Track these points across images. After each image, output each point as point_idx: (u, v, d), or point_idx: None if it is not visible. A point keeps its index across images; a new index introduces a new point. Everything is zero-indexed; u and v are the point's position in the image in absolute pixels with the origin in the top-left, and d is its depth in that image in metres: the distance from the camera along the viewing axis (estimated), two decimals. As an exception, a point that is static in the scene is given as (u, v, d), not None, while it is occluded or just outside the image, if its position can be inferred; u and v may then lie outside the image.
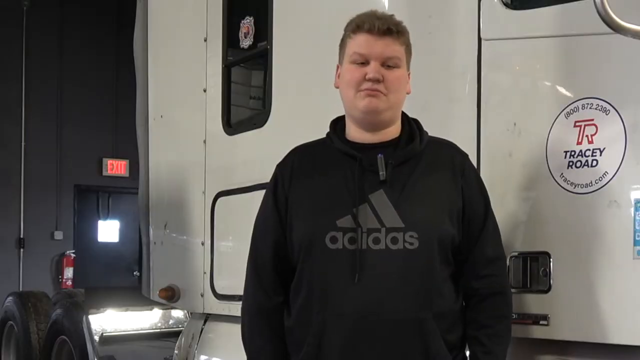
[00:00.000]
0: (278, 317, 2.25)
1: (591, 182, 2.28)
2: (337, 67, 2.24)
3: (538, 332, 2.39)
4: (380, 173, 2.13)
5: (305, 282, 2.16)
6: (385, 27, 2.12)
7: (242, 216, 3.12)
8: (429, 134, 2.26)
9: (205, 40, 3.97)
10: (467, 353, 2.24)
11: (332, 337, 2.10)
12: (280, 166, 2.29)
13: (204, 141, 3.97)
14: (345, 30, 2.20)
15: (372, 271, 2.08)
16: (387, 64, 2.13)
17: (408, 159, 2.17)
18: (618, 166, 2.23)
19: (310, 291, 2.15)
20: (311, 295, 2.14)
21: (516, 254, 2.44)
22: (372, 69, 2.12)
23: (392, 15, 2.22)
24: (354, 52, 2.15)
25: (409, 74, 2.22)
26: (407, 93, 2.23)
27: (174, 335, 5.00)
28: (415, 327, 2.08)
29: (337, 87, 2.24)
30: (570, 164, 2.33)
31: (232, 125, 3.85)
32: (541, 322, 2.37)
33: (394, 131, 2.21)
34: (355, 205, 2.11)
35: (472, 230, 2.19)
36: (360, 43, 2.14)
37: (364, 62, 2.13)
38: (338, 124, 2.28)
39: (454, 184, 2.18)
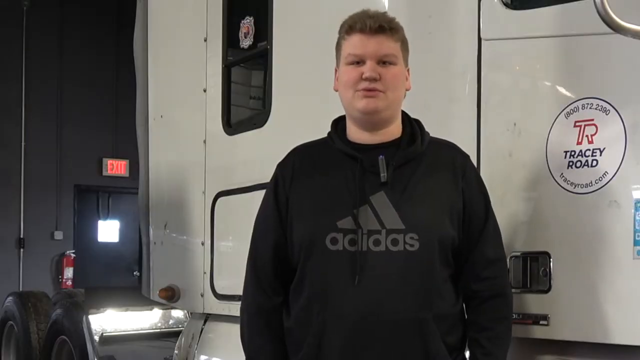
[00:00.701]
0: (277, 317, 2.24)
1: (591, 182, 2.27)
2: (335, 70, 2.24)
3: (538, 332, 2.39)
4: (382, 175, 2.12)
5: (305, 283, 2.16)
6: (377, 25, 2.12)
7: (242, 216, 3.12)
8: (430, 134, 2.26)
9: (205, 40, 3.97)
10: (467, 354, 2.24)
11: (332, 338, 2.10)
12: (280, 166, 2.29)
13: (204, 141, 3.97)
14: (339, 32, 2.20)
15: (373, 272, 2.07)
16: (383, 61, 2.13)
17: (409, 160, 2.17)
18: (618, 166, 2.23)
19: (310, 292, 2.14)
20: (311, 296, 2.14)
21: (516, 254, 2.44)
22: (368, 68, 2.11)
23: (385, 12, 2.22)
24: (349, 54, 2.15)
25: (407, 70, 2.22)
26: (407, 89, 2.22)
27: (174, 335, 5.00)
28: (415, 327, 2.08)
29: (336, 90, 2.24)
30: (570, 164, 2.33)
31: (232, 125, 3.85)
32: (541, 322, 2.37)
33: (394, 131, 2.21)
34: (356, 206, 2.11)
35: (472, 232, 2.18)
36: (354, 43, 2.14)
37: (360, 62, 2.13)
38: (339, 124, 2.27)
39: (455, 185, 2.17)
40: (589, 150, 2.29)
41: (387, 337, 2.07)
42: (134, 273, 10.01)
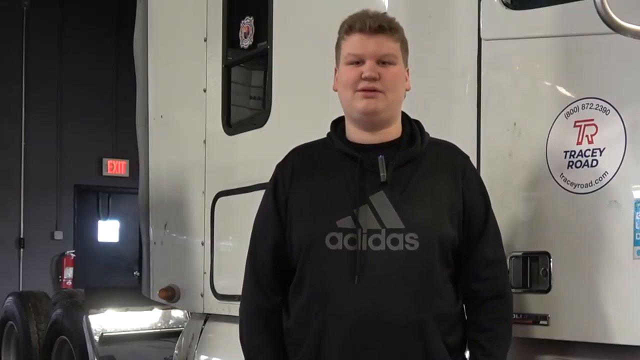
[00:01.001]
0: (276, 317, 2.24)
1: (591, 182, 2.27)
2: (335, 70, 2.24)
3: (538, 332, 2.39)
4: (381, 174, 2.12)
5: (305, 282, 2.16)
6: (376, 24, 2.12)
7: (242, 216, 3.11)
8: (429, 134, 2.25)
9: (205, 40, 3.97)
10: (467, 354, 2.24)
11: (332, 338, 2.09)
12: (280, 166, 2.29)
13: (204, 141, 3.97)
14: (339, 32, 2.20)
15: (372, 272, 2.07)
16: (383, 61, 2.13)
17: (409, 160, 2.16)
18: (618, 166, 2.23)
19: (310, 292, 2.14)
20: (311, 296, 2.13)
21: (516, 254, 2.44)
22: (367, 68, 2.11)
23: (385, 13, 2.22)
24: (349, 53, 2.14)
25: (407, 71, 2.22)
26: (407, 90, 2.22)
27: (174, 335, 5.00)
28: (415, 328, 2.07)
29: (335, 90, 2.23)
30: (570, 164, 2.33)
31: (232, 125, 3.85)
32: (541, 322, 2.37)
33: (394, 131, 2.20)
34: (356, 206, 2.10)
35: (472, 232, 2.18)
36: (354, 43, 2.14)
37: (360, 62, 2.13)
38: (339, 125, 2.27)
39: (455, 185, 2.17)
40: (589, 150, 2.29)
41: (387, 337, 2.07)
42: (134, 273, 10.02)
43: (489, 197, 2.25)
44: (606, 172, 2.25)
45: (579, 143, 2.32)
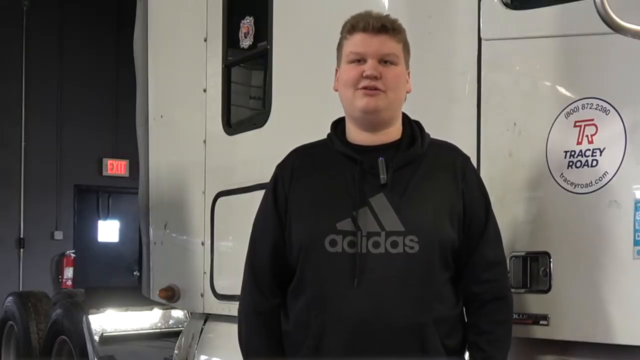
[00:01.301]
0: (275, 318, 2.23)
1: (591, 182, 2.27)
2: (336, 70, 2.24)
3: (538, 332, 2.38)
4: (381, 177, 2.11)
5: (304, 284, 2.15)
6: (379, 24, 2.12)
7: (242, 216, 3.11)
8: (429, 134, 2.25)
9: (205, 40, 3.97)
10: (467, 356, 2.23)
11: (331, 341, 2.09)
12: (280, 167, 2.28)
13: (204, 141, 3.97)
14: (341, 32, 2.20)
15: (372, 275, 2.06)
16: (385, 60, 2.12)
17: (409, 162, 2.16)
18: (618, 166, 2.23)
19: (309, 294, 2.13)
20: (310, 299, 2.13)
21: (517, 254, 2.44)
22: (369, 66, 2.11)
23: (388, 14, 2.22)
24: (350, 52, 2.14)
25: (408, 73, 2.21)
26: (408, 92, 2.22)
27: (174, 335, 5.00)
28: (415, 331, 2.07)
29: (336, 90, 2.23)
30: (570, 164, 2.33)
31: (232, 125, 3.85)
32: (541, 322, 2.37)
33: (394, 132, 2.20)
34: (356, 208, 2.10)
35: (472, 234, 2.17)
36: (356, 42, 2.14)
37: (361, 61, 2.13)
38: (339, 126, 2.26)
39: (455, 186, 2.16)
40: (589, 150, 2.29)
41: (386, 340, 2.06)
42: (134, 273, 10.02)
43: (489, 198, 2.25)
44: (606, 172, 2.25)
45: (579, 143, 2.32)
